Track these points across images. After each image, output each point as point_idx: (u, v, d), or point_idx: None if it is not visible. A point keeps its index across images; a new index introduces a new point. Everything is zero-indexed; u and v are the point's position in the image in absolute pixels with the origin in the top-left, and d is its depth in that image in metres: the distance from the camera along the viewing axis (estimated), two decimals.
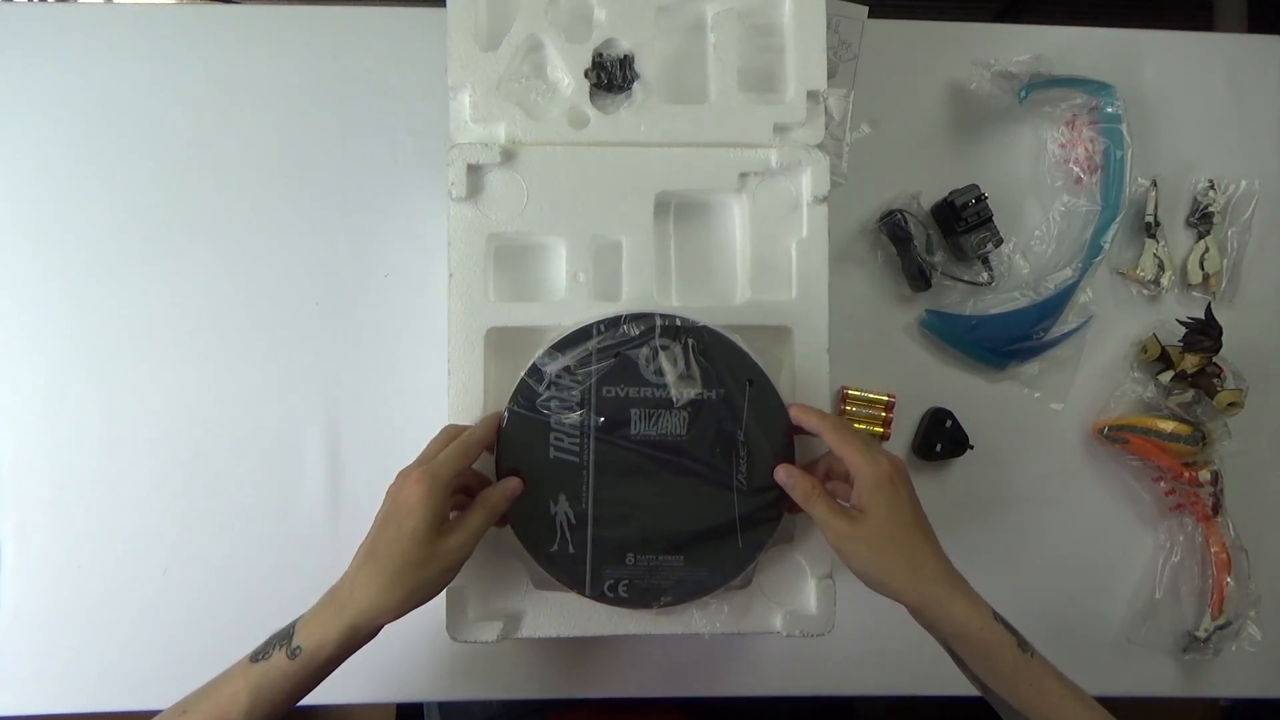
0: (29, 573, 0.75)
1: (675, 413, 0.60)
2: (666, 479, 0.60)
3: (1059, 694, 0.54)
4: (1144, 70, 0.85)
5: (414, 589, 0.54)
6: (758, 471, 0.61)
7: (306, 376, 0.78)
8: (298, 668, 0.52)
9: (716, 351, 0.61)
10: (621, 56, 0.67)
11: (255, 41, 0.80)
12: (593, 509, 0.60)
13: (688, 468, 0.60)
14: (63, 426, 0.76)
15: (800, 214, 0.67)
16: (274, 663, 0.52)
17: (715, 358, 0.61)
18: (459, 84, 0.65)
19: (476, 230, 0.65)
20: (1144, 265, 0.83)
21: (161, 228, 0.78)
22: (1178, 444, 0.78)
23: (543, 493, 0.60)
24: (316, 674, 0.53)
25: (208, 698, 0.53)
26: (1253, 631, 0.79)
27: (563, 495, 0.60)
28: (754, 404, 0.60)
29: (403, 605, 0.53)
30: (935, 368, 0.82)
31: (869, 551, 0.55)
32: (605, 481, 0.60)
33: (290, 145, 0.79)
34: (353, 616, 0.53)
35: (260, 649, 0.54)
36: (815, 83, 0.67)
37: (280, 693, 0.52)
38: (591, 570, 0.60)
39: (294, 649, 0.52)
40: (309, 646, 0.52)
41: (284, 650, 0.53)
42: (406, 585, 0.53)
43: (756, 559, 0.62)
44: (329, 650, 0.52)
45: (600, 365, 0.60)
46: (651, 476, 0.60)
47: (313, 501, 0.77)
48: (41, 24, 0.79)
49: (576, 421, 0.60)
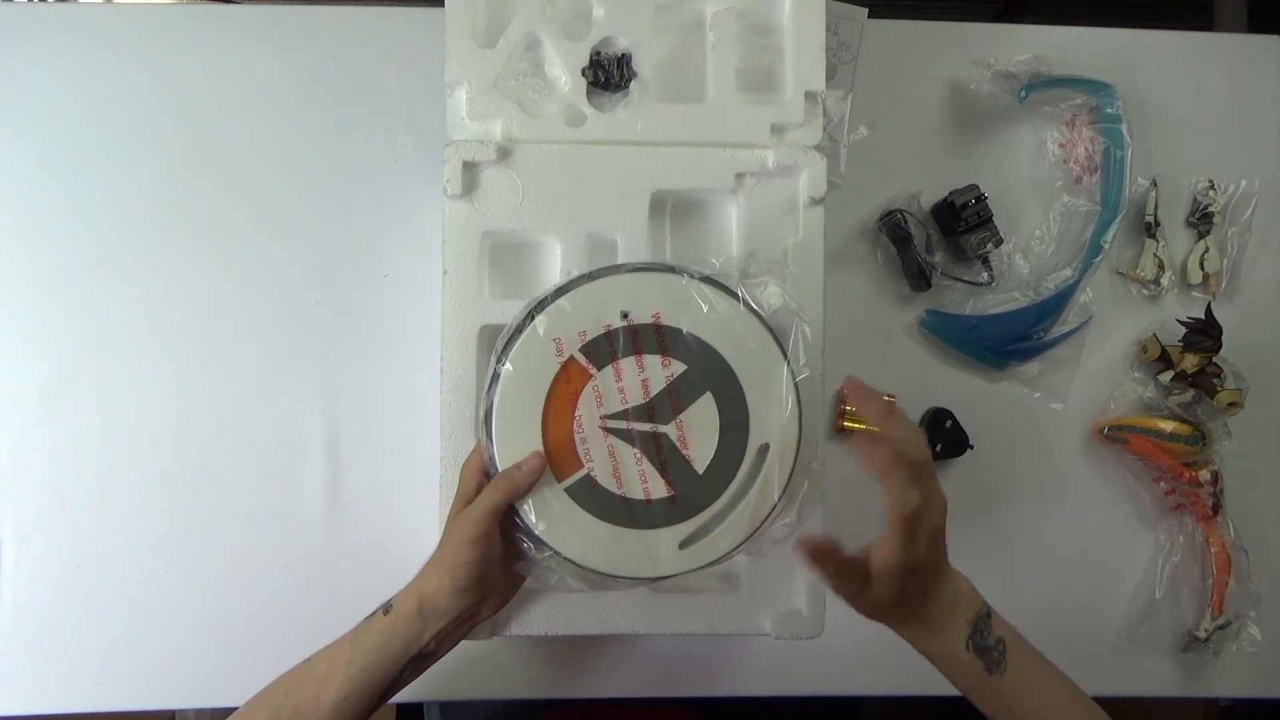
0: (29, 573, 0.75)
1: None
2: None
3: (1025, 710, 0.56)
4: (1144, 70, 0.85)
5: (452, 567, 0.55)
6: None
7: (306, 376, 0.78)
8: (388, 624, 0.56)
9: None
10: (619, 55, 0.67)
11: (255, 41, 0.80)
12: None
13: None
14: (63, 426, 0.76)
15: (796, 215, 0.67)
16: (373, 617, 0.58)
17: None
18: (456, 81, 0.65)
19: (471, 227, 0.65)
20: (1144, 265, 0.83)
21: (161, 227, 0.78)
22: (1178, 444, 0.78)
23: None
24: (404, 641, 0.56)
25: (326, 649, 0.58)
26: (1253, 631, 0.79)
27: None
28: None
29: (452, 583, 0.56)
30: (935, 368, 0.82)
31: (887, 586, 0.54)
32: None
33: (290, 145, 0.79)
34: (421, 595, 0.56)
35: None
36: (814, 83, 0.67)
37: (374, 647, 0.56)
38: None
39: (388, 605, 0.57)
40: (398, 605, 0.57)
41: (382, 608, 0.58)
42: (446, 566, 0.56)
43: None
44: (410, 611, 0.56)
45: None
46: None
47: (313, 501, 0.77)
48: (41, 24, 0.79)
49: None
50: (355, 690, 0.55)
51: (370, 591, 0.59)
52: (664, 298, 0.57)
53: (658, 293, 0.57)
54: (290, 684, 0.57)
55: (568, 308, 0.57)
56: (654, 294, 0.57)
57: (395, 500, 0.77)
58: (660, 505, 0.57)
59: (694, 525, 0.57)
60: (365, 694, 0.56)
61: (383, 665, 0.56)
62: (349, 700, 0.55)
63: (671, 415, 0.57)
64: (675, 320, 0.57)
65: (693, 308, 0.57)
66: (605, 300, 0.57)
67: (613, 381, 0.57)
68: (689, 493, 0.57)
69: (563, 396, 0.57)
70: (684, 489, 0.57)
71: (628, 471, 0.57)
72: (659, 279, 0.58)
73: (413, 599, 0.57)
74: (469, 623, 0.59)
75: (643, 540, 0.57)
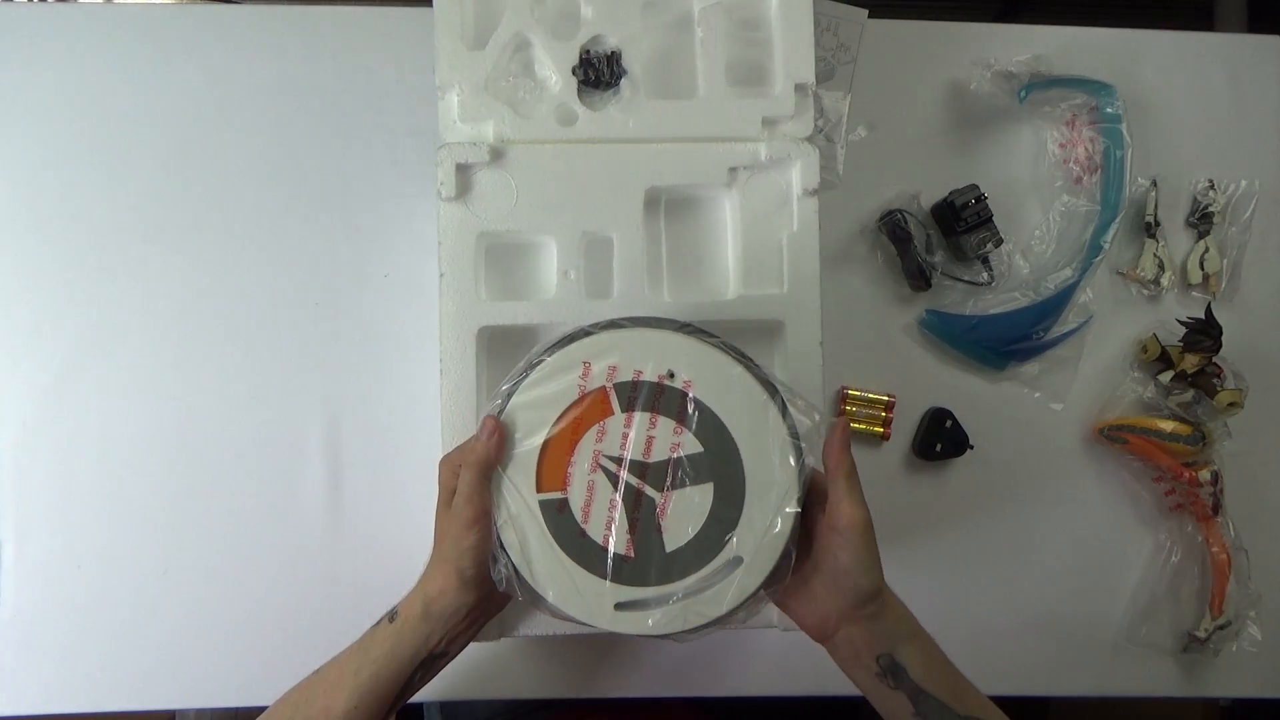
0: (29, 573, 0.75)
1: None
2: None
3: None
4: (1144, 70, 0.85)
5: (448, 561, 0.55)
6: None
7: (306, 376, 0.78)
8: (394, 630, 0.56)
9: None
10: (609, 53, 0.67)
11: (254, 41, 0.80)
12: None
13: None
14: (63, 426, 0.76)
15: (790, 207, 0.67)
16: (379, 625, 0.57)
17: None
18: (447, 84, 0.65)
19: (467, 229, 0.65)
20: (1144, 265, 0.83)
21: (161, 227, 0.78)
22: (1178, 444, 0.78)
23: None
24: (412, 646, 0.56)
25: (334, 659, 0.58)
26: (1253, 631, 0.79)
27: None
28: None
29: (452, 580, 0.55)
30: (935, 368, 0.82)
31: (858, 555, 0.54)
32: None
33: (290, 145, 0.79)
34: (426, 596, 0.56)
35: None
36: (803, 75, 0.67)
37: (382, 654, 0.55)
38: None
39: (393, 612, 0.57)
40: (403, 610, 0.57)
41: (387, 616, 0.57)
42: (444, 562, 0.55)
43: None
44: (415, 615, 0.55)
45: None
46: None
47: (313, 501, 0.77)
48: (41, 24, 0.79)
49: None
50: (365, 698, 0.55)
51: (370, 591, 0.60)
52: (713, 375, 0.55)
53: (710, 368, 0.55)
54: (301, 696, 0.57)
55: (615, 342, 0.56)
56: (705, 367, 0.55)
57: (395, 500, 0.77)
58: (615, 559, 0.54)
59: (636, 594, 0.55)
60: (376, 701, 0.55)
61: (392, 670, 0.55)
62: (359, 709, 0.55)
63: (665, 486, 0.55)
64: (710, 400, 0.55)
65: (737, 398, 0.55)
66: (653, 350, 0.55)
67: (620, 427, 0.55)
68: (646, 562, 0.55)
69: (577, 416, 0.55)
70: (643, 555, 0.54)
71: (598, 512, 0.54)
72: (719, 357, 0.56)
73: (418, 603, 0.56)
74: (479, 620, 0.58)
75: (588, 583, 0.55)
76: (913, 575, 0.80)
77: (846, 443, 0.54)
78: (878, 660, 0.55)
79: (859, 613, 0.55)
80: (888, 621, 0.55)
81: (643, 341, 0.56)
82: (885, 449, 0.81)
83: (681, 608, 0.55)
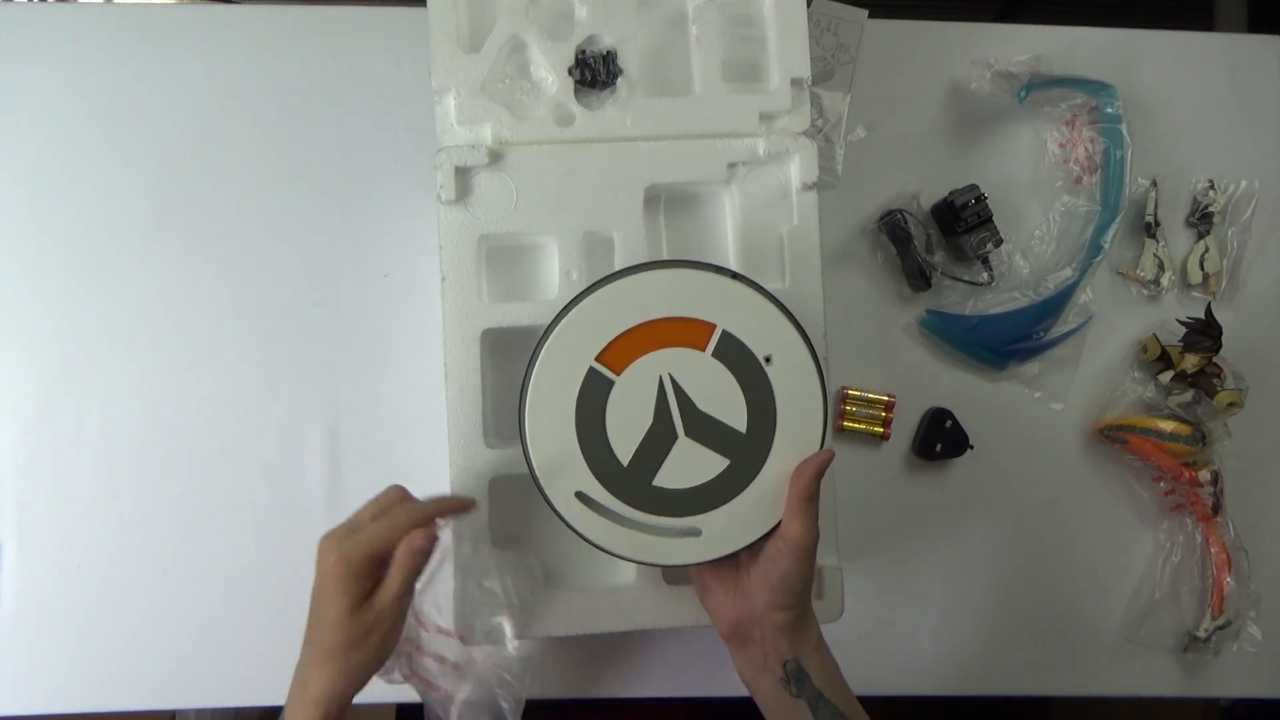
0: (29, 573, 0.75)
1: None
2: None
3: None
4: (1144, 70, 0.85)
5: (357, 666, 0.54)
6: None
7: (306, 376, 0.78)
8: None
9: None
10: (604, 52, 0.67)
11: (255, 41, 0.80)
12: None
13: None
14: (62, 426, 0.76)
15: (790, 202, 0.67)
16: None
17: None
18: (443, 87, 0.65)
19: (467, 232, 0.65)
20: (1144, 265, 0.83)
21: (161, 227, 0.78)
22: (1178, 444, 0.78)
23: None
24: None
25: None
26: (1253, 631, 0.79)
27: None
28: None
29: (355, 684, 0.54)
30: (935, 368, 0.82)
31: (799, 567, 0.56)
32: None
33: (290, 145, 0.79)
34: (324, 706, 0.53)
35: None
36: (798, 70, 0.67)
37: None
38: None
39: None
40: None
41: None
42: (351, 667, 0.54)
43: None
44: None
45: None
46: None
47: (313, 501, 0.77)
48: (41, 24, 0.79)
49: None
50: None
51: None
52: (796, 386, 0.58)
53: (798, 384, 0.58)
54: None
55: (744, 299, 0.58)
56: (793, 376, 0.58)
57: None
58: (608, 453, 0.57)
59: (599, 495, 0.58)
60: None
61: None
62: None
63: (694, 435, 0.58)
64: (782, 400, 0.58)
65: (800, 417, 0.58)
66: (768, 327, 0.59)
67: (703, 365, 0.58)
68: (629, 478, 0.58)
69: (675, 328, 0.58)
70: (631, 471, 0.58)
71: (629, 410, 0.57)
72: (813, 385, 0.59)
73: (312, 711, 0.53)
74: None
75: (570, 457, 0.57)
76: (913, 575, 0.80)
77: (820, 473, 0.57)
78: (784, 665, 0.57)
79: (783, 615, 0.57)
80: (801, 630, 0.57)
81: (764, 314, 0.58)
82: (885, 449, 0.81)
83: (629, 536, 0.58)
